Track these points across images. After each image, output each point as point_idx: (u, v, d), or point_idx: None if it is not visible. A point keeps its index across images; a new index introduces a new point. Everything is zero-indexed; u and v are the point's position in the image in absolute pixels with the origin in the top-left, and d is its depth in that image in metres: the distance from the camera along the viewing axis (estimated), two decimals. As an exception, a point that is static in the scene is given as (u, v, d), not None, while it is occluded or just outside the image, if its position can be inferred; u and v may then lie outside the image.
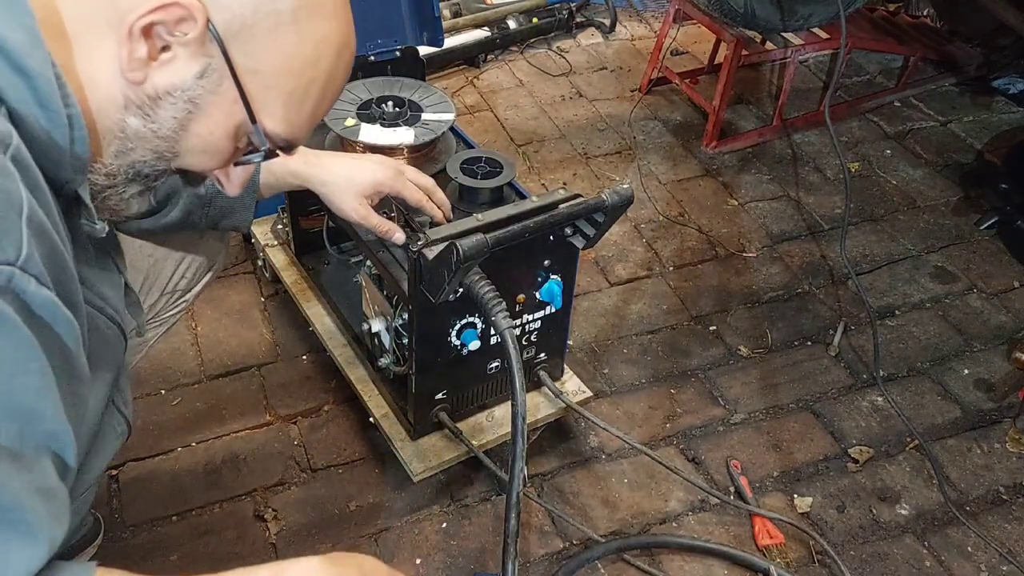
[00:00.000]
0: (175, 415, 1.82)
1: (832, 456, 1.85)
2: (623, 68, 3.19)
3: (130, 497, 1.66)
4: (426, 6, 1.85)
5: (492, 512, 1.68)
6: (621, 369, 2.02)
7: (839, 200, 2.59)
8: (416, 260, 1.35)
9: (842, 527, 1.71)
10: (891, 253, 2.42)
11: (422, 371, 1.52)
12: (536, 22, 3.23)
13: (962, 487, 1.81)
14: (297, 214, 1.86)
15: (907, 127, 2.94)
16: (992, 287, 2.32)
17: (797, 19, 2.63)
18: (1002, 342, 2.16)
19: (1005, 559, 1.66)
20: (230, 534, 1.62)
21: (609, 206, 1.39)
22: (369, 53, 1.82)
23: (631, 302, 2.21)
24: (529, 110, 2.92)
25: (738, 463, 1.80)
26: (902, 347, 2.13)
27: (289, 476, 1.72)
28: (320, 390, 1.89)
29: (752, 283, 2.29)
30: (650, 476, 1.77)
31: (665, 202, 2.55)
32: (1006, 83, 3.19)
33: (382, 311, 1.62)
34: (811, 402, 1.97)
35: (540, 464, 1.77)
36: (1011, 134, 2.91)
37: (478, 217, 1.40)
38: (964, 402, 2.00)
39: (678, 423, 1.90)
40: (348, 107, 1.66)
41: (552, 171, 2.64)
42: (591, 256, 2.32)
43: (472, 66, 3.14)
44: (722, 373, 2.03)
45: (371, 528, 1.64)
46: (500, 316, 1.31)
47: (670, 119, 2.92)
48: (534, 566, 1.61)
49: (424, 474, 1.59)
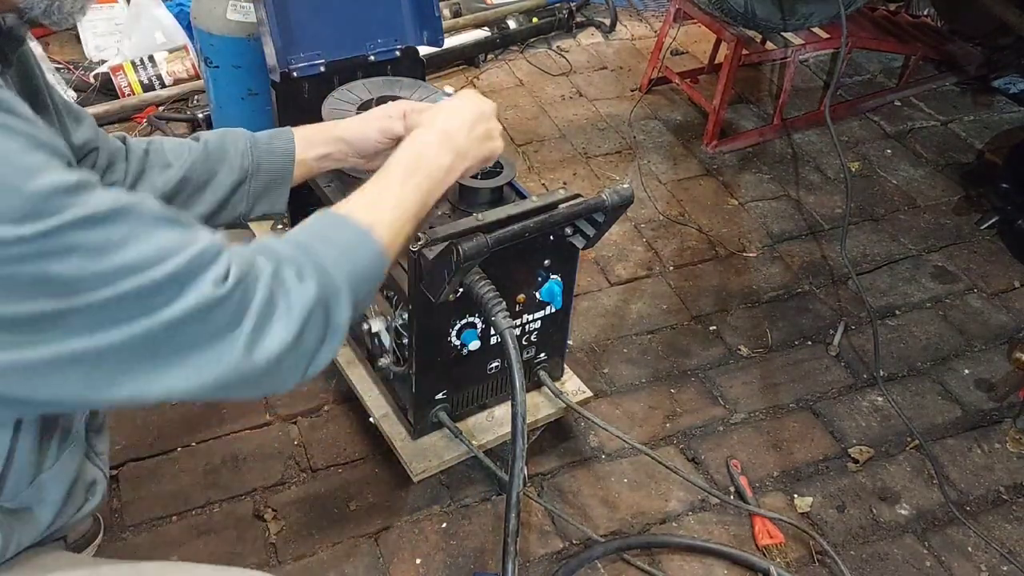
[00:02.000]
0: (175, 415, 1.82)
1: (832, 456, 1.85)
2: (623, 68, 3.19)
3: (130, 497, 1.66)
4: (426, 6, 1.85)
5: (492, 512, 1.68)
6: (621, 369, 2.01)
7: (839, 200, 2.59)
8: (416, 260, 1.35)
9: (842, 527, 1.71)
10: (891, 253, 2.42)
11: (422, 371, 1.52)
12: (536, 22, 3.23)
13: (962, 487, 1.81)
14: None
15: (908, 127, 2.94)
16: (992, 287, 2.32)
17: (797, 18, 2.63)
18: (1002, 342, 2.15)
19: (1005, 559, 1.66)
20: (230, 534, 1.62)
21: (609, 206, 1.39)
22: (369, 53, 1.82)
23: (631, 302, 2.21)
24: (529, 110, 2.92)
25: (738, 463, 1.80)
26: (902, 347, 2.13)
27: (289, 476, 1.72)
28: (320, 390, 1.89)
29: (752, 283, 2.29)
30: (650, 476, 1.77)
31: (665, 202, 2.55)
32: (1007, 83, 3.19)
33: (382, 311, 1.62)
34: (811, 402, 1.97)
35: (540, 464, 1.77)
36: (1012, 134, 2.91)
37: (478, 217, 1.40)
38: (964, 402, 1.99)
39: (678, 423, 1.90)
40: (348, 107, 1.66)
41: (552, 171, 2.64)
42: (591, 256, 2.32)
43: (472, 66, 3.14)
44: (722, 373, 2.03)
45: (371, 528, 1.64)
46: (500, 316, 1.31)
47: (670, 119, 2.92)
48: (534, 566, 1.60)
49: (424, 474, 1.59)
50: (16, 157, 0.67)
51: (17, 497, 0.92)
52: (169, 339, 0.74)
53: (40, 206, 0.66)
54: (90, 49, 2.97)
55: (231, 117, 2.22)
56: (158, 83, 2.79)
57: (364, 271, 0.93)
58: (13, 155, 0.67)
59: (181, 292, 0.73)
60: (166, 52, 2.82)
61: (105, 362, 0.72)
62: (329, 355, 0.87)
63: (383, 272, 0.97)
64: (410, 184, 1.05)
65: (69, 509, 1.01)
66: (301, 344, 0.82)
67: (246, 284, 0.78)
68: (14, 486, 0.90)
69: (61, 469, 0.97)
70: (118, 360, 0.73)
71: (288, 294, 0.82)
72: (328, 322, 0.86)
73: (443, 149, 1.10)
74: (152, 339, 0.73)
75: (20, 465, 0.90)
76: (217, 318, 0.76)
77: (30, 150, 0.68)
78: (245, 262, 0.80)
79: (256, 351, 0.78)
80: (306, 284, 0.83)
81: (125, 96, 2.76)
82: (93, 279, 0.69)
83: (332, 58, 1.78)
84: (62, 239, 0.67)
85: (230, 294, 0.76)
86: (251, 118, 2.19)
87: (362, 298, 0.93)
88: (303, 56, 1.76)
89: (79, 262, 0.68)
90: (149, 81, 2.78)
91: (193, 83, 2.79)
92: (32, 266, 0.66)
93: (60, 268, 0.67)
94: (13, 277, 0.66)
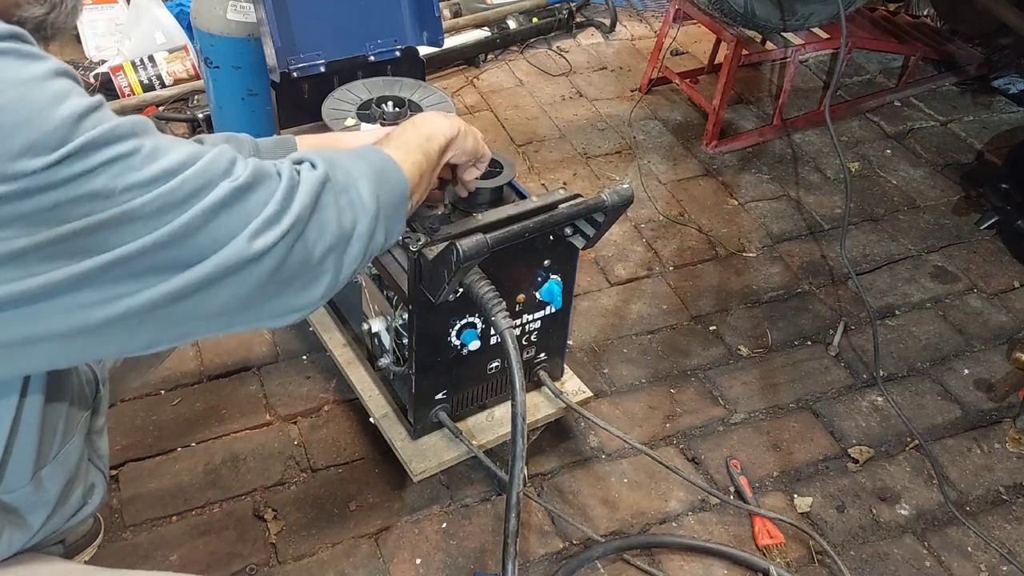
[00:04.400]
0: (175, 415, 1.82)
1: (832, 456, 1.85)
2: (623, 68, 3.19)
3: (130, 497, 1.66)
4: (426, 6, 1.85)
5: (492, 512, 1.68)
6: (621, 369, 2.01)
7: (839, 200, 2.59)
8: (416, 260, 1.35)
9: (842, 527, 1.71)
10: (891, 253, 2.42)
11: (422, 371, 1.52)
12: (536, 22, 3.23)
13: (962, 487, 1.81)
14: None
15: (907, 127, 2.94)
16: (992, 287, 2.32)
17: (797, 19, 2.63)
18: (1002, 342, 2.15)
19: (1005, 559, 1.66)
20: (230, 534, 1.62)
21: (609, 206, 1.39)
22: (369, 53, 1.82)
23: (631, 302, 2.21)
24: (529, 110, 2.92)
25: (738, 463, 1.80)
26: (902, 347, 2.13)
27: (289, 476, 1.72)
28: (320, 390, 1.89)
29: (752, 283, 2.29)
30: (650, 476, 1.77)
31: (665, 202, 2.55)
32: (1006, 83, 3.20)
33: (382, 311, 1.62)
34: (811, 402, 1.97)
35: (540, 464, 1.77)
36: (1011, 134, 2.91)
37: (478, 217, 1.40)
38: (964, 402, 1.99)
39: (678, 423, 1.90)
40: (348, 107, 1.66)
41: (552, 171, 2.64)
42: (591, 256, 2.32)
43: (472, 66, 3.14)
44: (722, 373, 2.03)
45: (371, 528, 1.64)
46: (500, 316, 1.31)
47: (670, 119, 2.92)
48: (534, 566, 1.61)
49: (424, 474, 1.59)
50: (42, 84, 0.69)
51: (15, 491, 0.92)
52: (206, 231, 0.76)
53: (73, 129, 0.69)
54: (90, 49, 2.98)
55: (231, 117, 2.22)
56: (158, 83, 2.79)
57: (382, 170, 0.98)
58: (39, 82, 0.69)
59: (214, 187, 0.77)
60: (166, 52, 2.82)
61: (147, 260, 0.74)
62: (361, 245, 0.90)
63: (403, 180, 1.01)
64: (408, 131, 1.13)
65: (66, 511, 1.01)
66: (324, 226, 0.86)
67: (267, 176, 0.82)
68: (14, 478, 0.91)
69: (60, 464, 0.97)
70: (155, 259, 0.75)
71: (301, 181, 0.85)
72: (351, 206, 0.89)
73: (417, 129, 1.16)
74: (190, 233, 0.76)
75: (21, 456, 0.90)
76: (247, 205, 0.79)
77: (53, 76, 0.71)
78: (261, 164, 0.83)
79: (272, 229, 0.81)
80: (317, 170, 0.87)
81: (125, 96, 2.76)
82: (134, 188, 0.72)
83: (332, 58, 1.78)
84: (99, 154, 0.70)
85: (251, 184, 0.80)
86: (251, 118, 2.19)
87: (389, 200, 0.97)
88: (303, 56, 1.76)
89: (118, 173, 0.71)
90: (149, 81, 2.78)
91: (193, 83, 2.79)
92: (74, 186, 0.69)
93: (101, 182, 0.70)
94: (58, 201, 0.69)
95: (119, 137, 0.72)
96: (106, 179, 0.71)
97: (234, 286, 0.79)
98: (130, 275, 0.74)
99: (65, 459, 0.98)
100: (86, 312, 0.73)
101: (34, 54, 0.71)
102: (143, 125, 0.76)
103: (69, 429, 0.98)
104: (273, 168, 0.84)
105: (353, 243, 0.89)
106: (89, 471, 1.06)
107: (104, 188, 0.71)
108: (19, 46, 0.70)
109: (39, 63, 0.70)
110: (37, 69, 0.70)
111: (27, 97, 0.68)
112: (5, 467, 0.89)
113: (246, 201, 0.79)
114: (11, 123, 0.67)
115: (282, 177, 0.83)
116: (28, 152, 0.67)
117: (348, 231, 0.88)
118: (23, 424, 0.89)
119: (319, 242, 0.85)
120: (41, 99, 0.69)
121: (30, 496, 0.94)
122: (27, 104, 0.68)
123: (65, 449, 0.98)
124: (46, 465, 0.95)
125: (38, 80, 0.69)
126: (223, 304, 0.79)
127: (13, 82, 0.68)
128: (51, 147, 0.68)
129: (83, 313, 0.73)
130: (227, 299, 0.79)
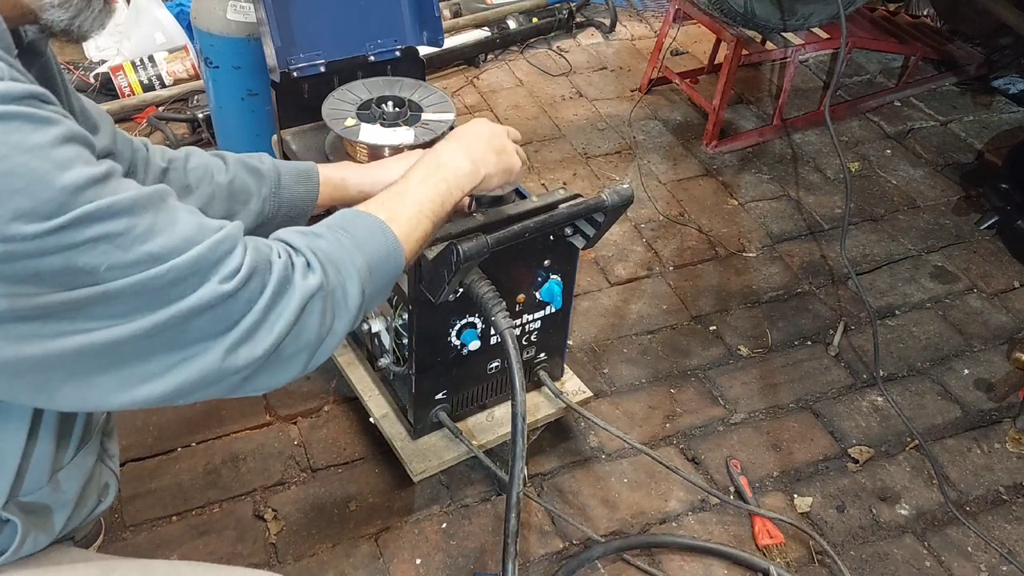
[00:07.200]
0: (175, 415, 1.82)
1: (832, 456, 1.85)
2: (623, 68, 3.19)
3: (130, 497, 1.66)
4: (426, 6, 1.85)
5: (492, 512, 1.69)
6: (621, 369, 2.01)
7: (839, 200, 2.59)
8: (416, 260, 1.35)
9: (842, 527, 1.71)
10: (891, 253, 2.42)
11: (422, 371, 1.52)
12: (536, 22, 3.23)
13: (962, 487, 1.81)
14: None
15: (907, 127, 2.94)
16: (992, 287, 2.32)
17: (797, 19, 2.63)
18: (1002, 342, 2.15)
19: (1005, 559, 1.66)
20: (230, 534, 1.62)
21: (609, 206, 1.39)
22: (369, 53, 1.82)
23: (631, 302, 2.21)
24: (529, 110, 2.92)
25: (738, 463, 1.80)
26: (902, 347, 2.13)
27: (289, 476, 1.72)
28: (320, 390, 1.89)
29: (752, 283, 2.29)
30: (650, 476, 1.77)
31: (665, 202, 2.55)
32: (1006, 83, 3.20)
33: (382, 311, 1.62)
34: (811, 402, 1.97)
35: (540, 464, 1.77)
36: (1011, 134, 2.91)
37: (478, 217, 1.40)
38: (964, 402, 2.00)
39: (678, 423, 1.90)
40: (348, 107, 1.66)
41: (552, 171, 2.64)
42: (591, 256, 2.32)
43: (472, 66, 3.14)
44: (722, 373, 2.03)
45: (371, 528, 1.64)
46: (500, 316, 1.31)
47: (670, 119, 2.92)
48: (534, 566, 1.61)
49: (424, 474, 1.59)
50: (48, 151, 0.69)
51: (35, 492, 0.93)
52: (182, 330, 0.76)
53: (71, 199, 0.69)
54: (90, 49, 2.98)
55: (231, 117, 2.22)
56: (158, 83, 2.79)
57: (378, 260, 0.95)
58: (45, 149, 0.69)
59: (201, 283, 0.76)
60: (166, 52, 2.82)
61: (124, 352, 0.75)
62: (335, 341, 0.90)
63: (399, 263, 0.99)
64: (428, 183, 1.09)
65: (83, 510, 1.02)
66: (302, 332, 0.85)
67: (260, 275, 0.81)
68: (33, 481, 0.92)
69: (77, 467, 0.98)
70: (135, 351, 0.75)
71: (292, 288, 0.84)
72: (334, 309, 0.88)
73: (461, 154, 1.15)
74: (167, 329, 0.75)
75: (39, 459, 0.91)
76: (229, 311, 0.79)
77: (61, 143, 0.71)
78: (260, 255, 0.82)
79: (257, 338, 0.81)
80: (312, 276, 0.86)
81: (125, 96, 2.76)
82: (118, 268, 0.72)
83: (332, 58, 1.78)
84: (90, 229, 0.70)
85: (238, 289, 0.79)
86: (251, 118, 2.19)
87: (377, 287, 0.96)
88: (303, 56, 1.76)
89: (105, 251, 0.71)
90: (149, 81, 2.78)
91: (193, 83, 2.79)
92: (60, 257, 0.69)
93: (86, 259, 0.70)
94: (40, 269, 0.69)
95: (114, 214, 0.72)
96: (91, 256, 0.70)
97: (201, 391, 0.81)
98: (96, 358, 0.74)
99: (82, 462, 0.99)
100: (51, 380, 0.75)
101: (46, 119, 0.70)
102: (148, 199, 0.75)
103: (88, 433, 0.99)
104: (268, 257, 0.83)
105: (328, 341, 0.89)
106: (103, 472, 1.07)
107: (87, 264, 0.70)
108: (33, 110, 0.70)
109: (49, 129, 0.70)
110: (46, 136, 0.69)
111: (30, 164, 0.68)
112: (24, 472, 0.90)
113: (228, 308, 0.79)
114: (11, 189, 0.67)
115: (272, 273, 0.82)
116: (22, 217, 0.67)
117: (326, 332, 0.88)
118: (42, 429, 0.90)
119: (294, 345, 0.85)
120: (44, 167, 0.68)
121: (49, 497, 0.95)
122: (29, 171, 0.68)
123: (82, 452, 0.99)
124: (62, 468, 0.96)
125: (45, 147, 0.69)
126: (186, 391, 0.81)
127: (20, 148, 0.68)
128: (45, 215, 0.68)
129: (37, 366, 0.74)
130: (191, 390, 0.81)
